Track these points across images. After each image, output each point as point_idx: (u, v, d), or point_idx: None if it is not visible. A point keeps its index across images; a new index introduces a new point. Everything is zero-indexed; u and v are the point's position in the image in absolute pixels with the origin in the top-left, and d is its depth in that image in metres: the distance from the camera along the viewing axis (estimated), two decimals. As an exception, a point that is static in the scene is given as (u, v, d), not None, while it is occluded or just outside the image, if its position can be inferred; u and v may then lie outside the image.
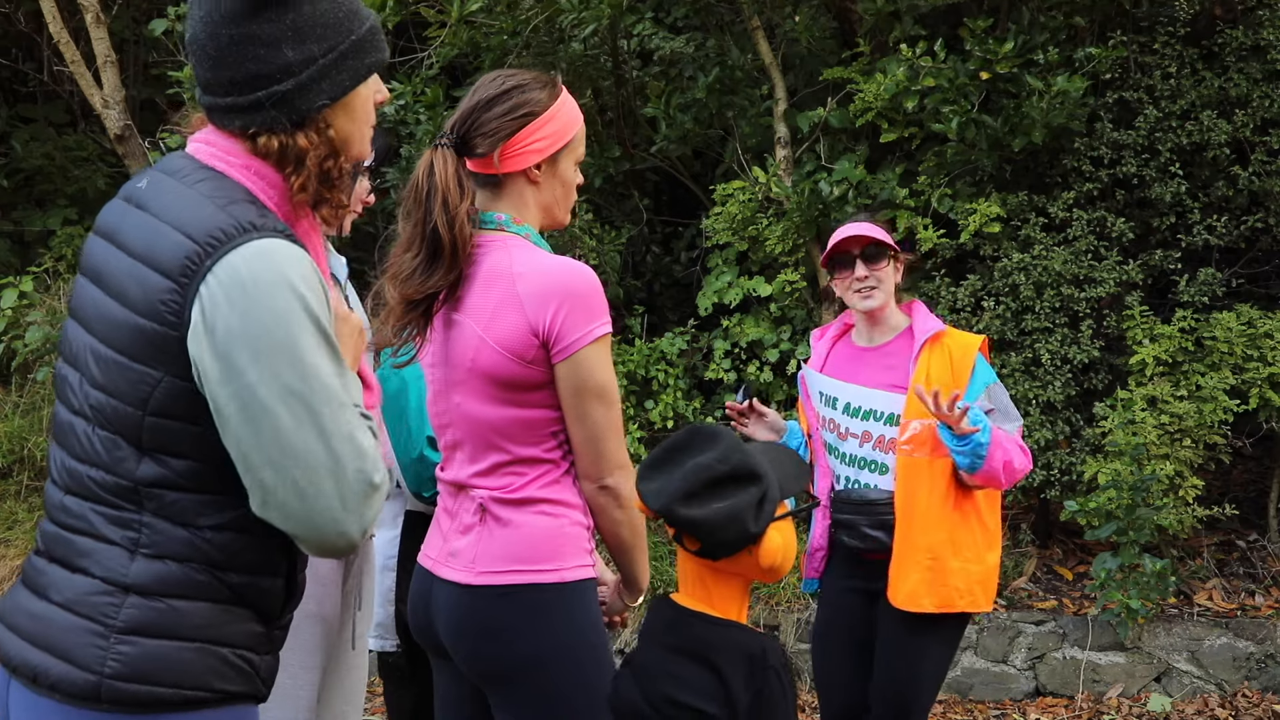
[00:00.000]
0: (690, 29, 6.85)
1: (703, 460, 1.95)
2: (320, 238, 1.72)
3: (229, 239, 1.52)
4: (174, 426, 1.56)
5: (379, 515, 1.62)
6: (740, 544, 1.94)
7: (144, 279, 1.55)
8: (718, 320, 6.26)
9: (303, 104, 1.61)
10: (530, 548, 2.12)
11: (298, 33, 1.59)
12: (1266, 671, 4.94)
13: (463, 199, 2.12)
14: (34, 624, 1.59)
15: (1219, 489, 5.76)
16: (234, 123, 1.62)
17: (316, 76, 1.61)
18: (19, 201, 8.15)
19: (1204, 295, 5.27)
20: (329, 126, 1.65)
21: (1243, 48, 5.49)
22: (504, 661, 2.13)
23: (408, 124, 6.62)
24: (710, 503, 1.92)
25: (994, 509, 3.16)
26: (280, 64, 1.59)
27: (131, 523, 1.58)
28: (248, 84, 1.59)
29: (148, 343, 1.55)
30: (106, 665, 1.53)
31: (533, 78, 2.21)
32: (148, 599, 1.56)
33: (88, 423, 1.61)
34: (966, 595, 3.04)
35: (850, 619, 3.19)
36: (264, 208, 1.60)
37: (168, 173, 1.65)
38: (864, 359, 3.21)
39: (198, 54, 1.62)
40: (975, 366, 3.07)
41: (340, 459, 1.54)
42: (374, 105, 1.71)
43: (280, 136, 1.61)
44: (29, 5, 7.47)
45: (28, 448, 6.38)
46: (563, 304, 2.08)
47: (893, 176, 5.70)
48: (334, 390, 1.55)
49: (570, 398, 2.11)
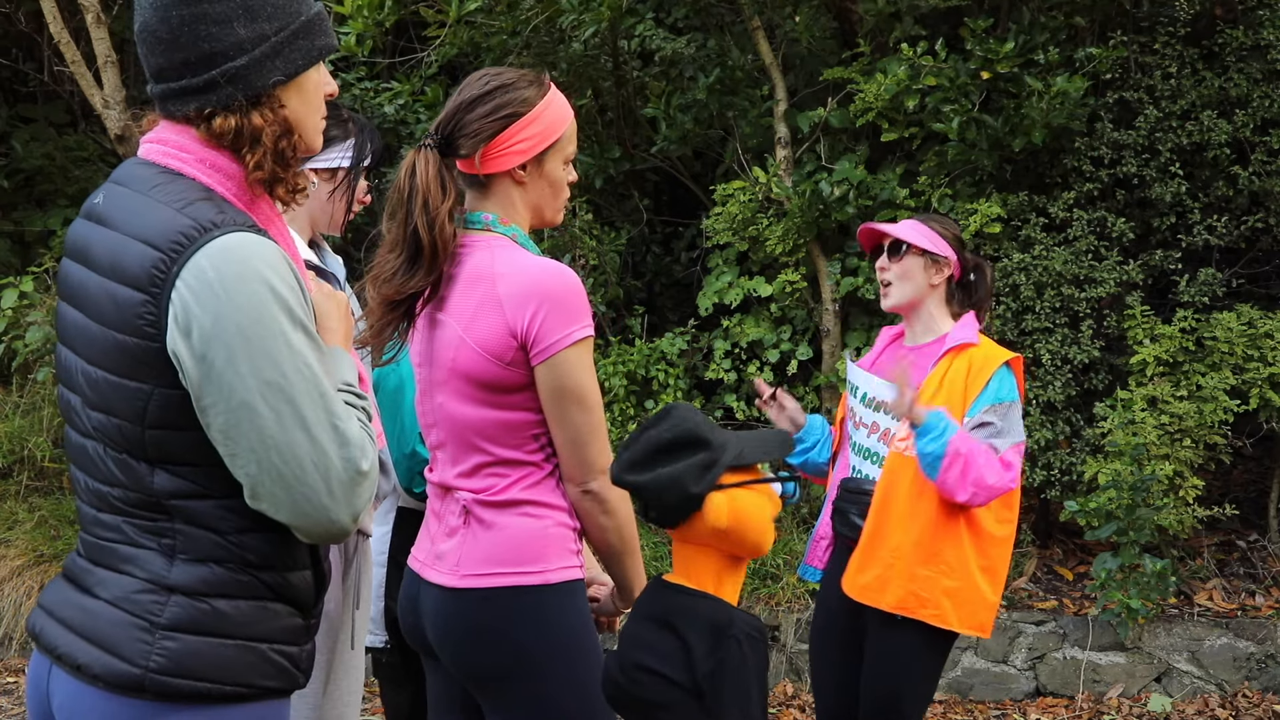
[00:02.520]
0: (690, 29, 6.84)
1: (652, 431, 2.00)
2: (282, 222, 1.73)
3: (192, 241, 1.53)
4: (174, 436, 1.58)
5: (370, 501, 1.63)
6: (684, 508, 1.97)
7: (116, 295, 1.57)
8: (718, 320, 6.26)
9: (257, 80, 1.63)
10: (514, 550, 2.11)
11: (248, 11, 1.61)
12: (1267, 671, 4.93)
13: (444, 200, 2.11)
14: (83, 617, 1.63)
15: (1219, 489, 5.76)
16: (188, 106, 1.62)
17: (270, 53, 1.63)
18: (19, 201, 8.14)
19: (1204, 295, 5.27)
20: (282, 106, 1.66)
21: (1243, 48, 5.48)
22: (492, 664, 2.12)
23: (407, 124, 6.63)
24: (656, 469, 1.97)
25: (999, 542, 3.05)
26: (233, 41, 1.60)
27: (165, 531, 1.61)
28: (201, 63, 1.60)
29: (132, 358, 1.56)
30: (151, 660, 1.58)
31: (519, 76, 2.19)
32: (191, 599, 1.60)
33: (97, 444, 1.64)
34: (931, 606, 2.96)
35: (844, 621, 3.17)
36: (222, 202, 1.61)
37: (123, 183, 1.66)
38: (903, 357, 3.22)
39: (149, 40, 1.62)
40: (990, 381, 2.99)
41: (323, 448, 1.56)
42: (324, 97, 1.73)
43: (235, 116, 1.62)
44: (29, 5, 7.47)
45: (28, 448, 6.37)
46: (541, 306, 2.06)
47: (893, 176, 5.69)
48: (313, 379, 1.56)
49: (550, 400, 2.10)
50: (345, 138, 2.60)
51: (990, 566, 3.03)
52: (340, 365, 1.73)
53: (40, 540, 5.96)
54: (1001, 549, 3.07)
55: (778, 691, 5.15)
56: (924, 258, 3.13)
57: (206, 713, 1.60)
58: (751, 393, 6.15)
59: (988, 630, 3.05)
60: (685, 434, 1.98)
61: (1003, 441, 2.96)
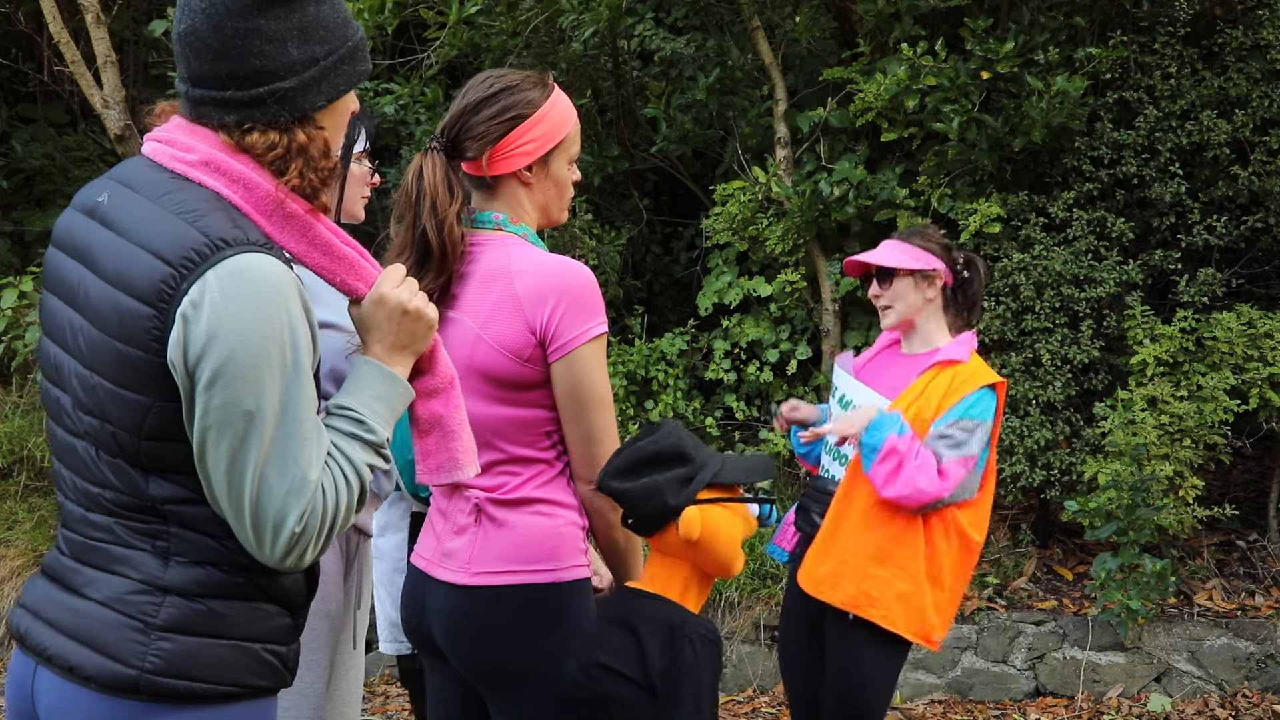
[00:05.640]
0: (690, 29, 6.85)
1: (640, 443, 2.10)
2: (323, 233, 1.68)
3: (204, 259, 1.51)
4: (171, 447, 1.56)
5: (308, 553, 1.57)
6: (659, 518, 2.08)
7: (121, 305, 1.54)
8: (718, 320, 6.27)
9: (303, 102, 1.62)
10: (526, 548, 2.12)
11: (303, 32, 1.60)
12: (1266, 671, 4.93)
13: (452, 202, 2.12)
14: (74, 618, 1.61)
15: (1219, 489, 5.76)
16: (227, 117, 1.60)
17: (318, 77, 1.62)
18: (19, 201, 8.14)
19: (1204, 295, 5.27)
20: (321, 128, 1.65)
21: (1243, 48, 5.48)
22: (502, 662, 2.12)
23: (408, 124, 6.63)
24: (638, 478, 2.06)
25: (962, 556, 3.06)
26: (284, 61, 1.59)
27: (160, 533, 1.60)
28: (249, 79, 1.59)
29: (136, 370, 1.54)
30: (147, 660, 1.56)
31: (523, 78, 2.19)
32: (187, 600, 1.59)
33: (87, 445, 1.62)
34: (881, 607, 2.99)
35: (807, 615, 3.23)
36: (236, 213, 1.58)
37: (130, 185, 1.62)
38: (895, 364, 3.26)
39: (195, 45, 1.59)
40: (965, 398, 3.01)
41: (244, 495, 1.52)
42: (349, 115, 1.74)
43: (275, 133, 1.60)
44: (29, 5, 7.47)
45: (28, 448, 6.38)
46: (560, 302, 2.08)
47: (893, 176, 5.70)
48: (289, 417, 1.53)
49: (565, 397, 2.11)
50: None
51: (943, 579, 3.03)
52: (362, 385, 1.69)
53: (40, 540, 5.97)
54: (963, 563, 3.07)
55: (777, 691, 5.15)
56: (913, 276, 3.16)
57: (200, 712, 1.60)
58: (752, 393, 6.16)
59: (935, 642, 3.05)
60: (670, 448, 2.08)
61: (951, 453, 2.96)
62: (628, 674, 2.05)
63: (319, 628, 2.45)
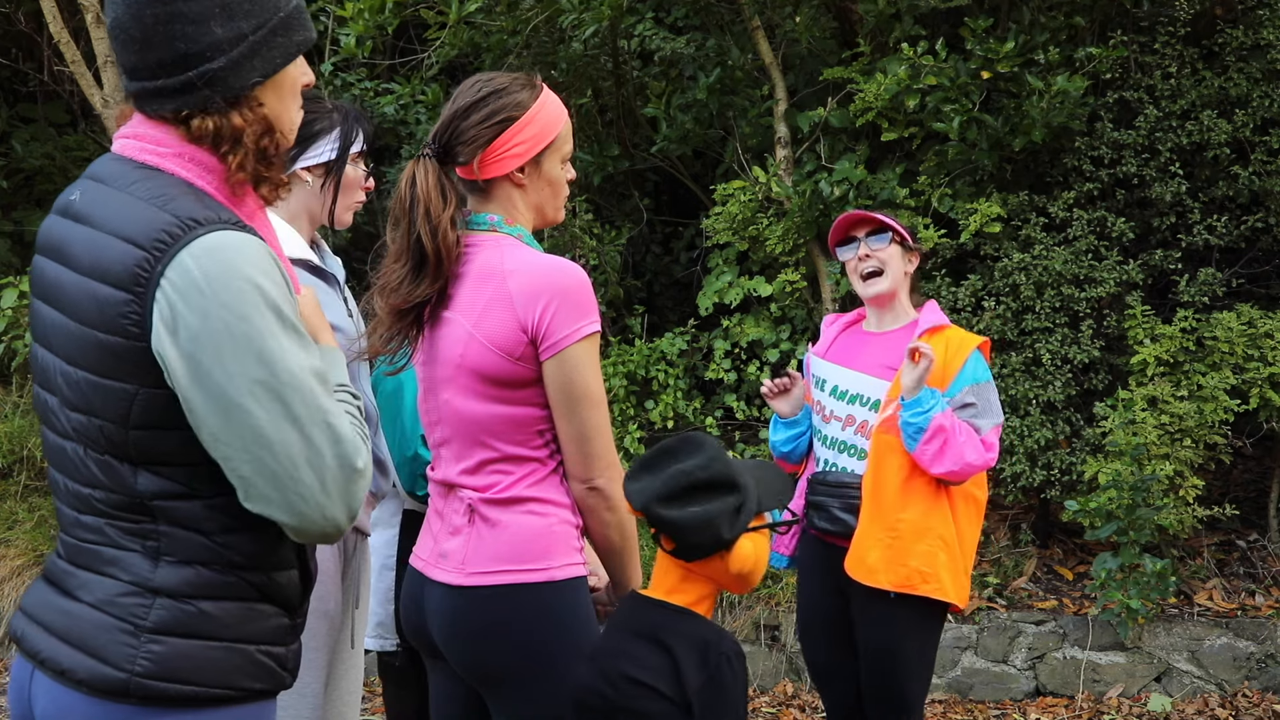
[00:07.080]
0: (690, 29, 6.85)
1: (685, 466, 2.04)
2: (266, 218, 1.69)
3: (175, 239, 1.50)
4: (159, 436, 1.55)
5: (364, 498, 1.60)
6: (712, 548, 2.04)
7: (97, 294, 1.53)
8: (718, 320, 6.26)
9: (235, 81, 1.58)
10: (519, 547, 2.12)
11: (226, 9, 1.56)
12: (1266, 671, 4.93)
13: (445, 208, 2.13)
14: (66, 621, 1.60)
15: (1219, 489, 5.76)
16: (165, 106, 1.58)
17: (248, 53, 1.58)
18: (19, 201, 8.14)
19: (1204, 295, 5.27)
20: (261, 105, 1.62)
21: (1243, 47, 5.48)
22: (498, 661, 2.13)
23: (408, 124, 6.63)
24: (688, 506, 2.02)
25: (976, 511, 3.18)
26: (209, 41, 1.55)
27: (149, 533, 1.59)
28: (177, 64, 1.56)
29: (115, 358, 1.53)
30: (137, 664, 1.55)
31: (511, 80, 2.20)
32: (177, 601, 1.58)
33: (77, 445, 1.61)
34: (933, 580, 3.05)
35: (828, 613, 3.24)
36: (205, 196, 1.58)
37: (101, 180, 1.61)
38: (868, 344, 3.27)
39: (121, 38, 1.57)
40: (966, 363, 3.11)
41: (316, 445, 1.53)
42: (301, 88, 1.69)
43: (214, 117, 1.58)
44: (29, 5, 7.47)
45: (28, 448, 6.38)
46: (552, 301, 2.08)
47: (893, 176, 5.70)
48: (302, 377, 1.53)
49: (557, 395, 2.12)
50: (332, 129, 2.58)
51: (966, 541, 3.14)
52: (332, 364, 1.71)
53: (40, 540, 5.97)
54: (977, 523, 3.20)
55: (777, 691, 5.15)
56: (901, 245, 3.24)
57: (192, 716, 1.58)
58: (752, 393, 6.15)
59: (966, 600, 3.15)
60: (719, 475, 2.04)
61: (985, 422, 3.09)
62: (662, 690, 2.02)
63: (317, 627, 2.45)
